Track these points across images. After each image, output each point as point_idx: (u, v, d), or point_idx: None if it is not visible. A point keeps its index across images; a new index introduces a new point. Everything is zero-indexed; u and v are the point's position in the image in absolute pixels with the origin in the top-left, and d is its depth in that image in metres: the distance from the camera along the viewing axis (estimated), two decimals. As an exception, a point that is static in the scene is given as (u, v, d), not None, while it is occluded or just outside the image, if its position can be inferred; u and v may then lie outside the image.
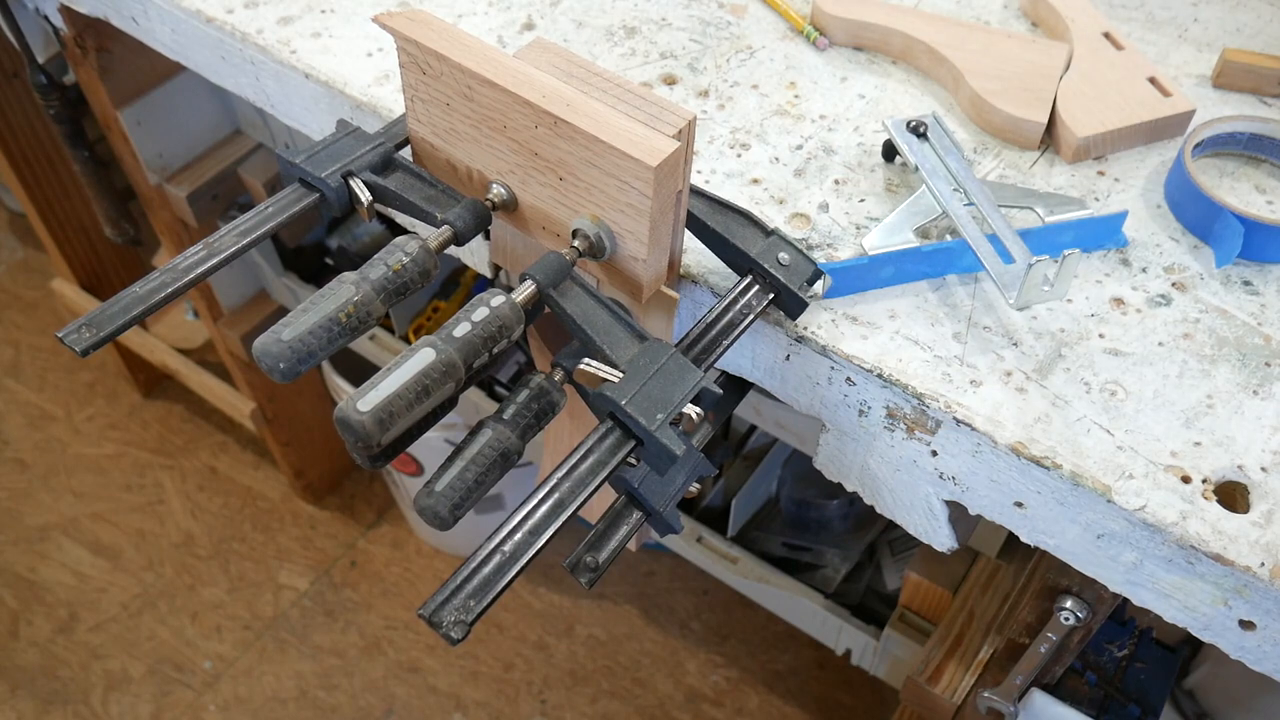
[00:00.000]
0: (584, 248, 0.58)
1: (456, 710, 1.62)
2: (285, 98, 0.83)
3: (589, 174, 0.55)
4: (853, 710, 1.62)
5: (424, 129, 0.62)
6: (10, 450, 1.88)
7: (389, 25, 0.58)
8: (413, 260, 0.55)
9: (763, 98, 0.78)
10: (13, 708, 1.60)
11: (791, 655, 1.67)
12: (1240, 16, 0.84)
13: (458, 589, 0.46)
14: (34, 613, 1.70)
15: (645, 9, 0.84)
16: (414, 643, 1.68)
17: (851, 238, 0.69)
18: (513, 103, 0.55)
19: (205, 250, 0.59)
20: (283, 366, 0.50)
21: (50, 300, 2.01)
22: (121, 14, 0.89)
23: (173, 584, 1.74)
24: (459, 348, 0.51)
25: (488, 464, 0.52)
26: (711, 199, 0.63)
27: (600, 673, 1.66)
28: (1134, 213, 0.70)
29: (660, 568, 1.76)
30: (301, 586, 1.74)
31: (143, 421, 1.93)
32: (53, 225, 1.54)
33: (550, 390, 0.55)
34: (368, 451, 0.50)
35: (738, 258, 0.62)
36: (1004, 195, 0.68)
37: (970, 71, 0.76)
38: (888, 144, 0.73)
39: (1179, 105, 0.74)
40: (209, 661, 1.66)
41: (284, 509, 1.83)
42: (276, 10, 0.83)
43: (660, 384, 0.52)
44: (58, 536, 1.78)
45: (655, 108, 0.55)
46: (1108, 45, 0.78)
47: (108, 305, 0.55)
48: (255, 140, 1.27)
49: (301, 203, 0.62)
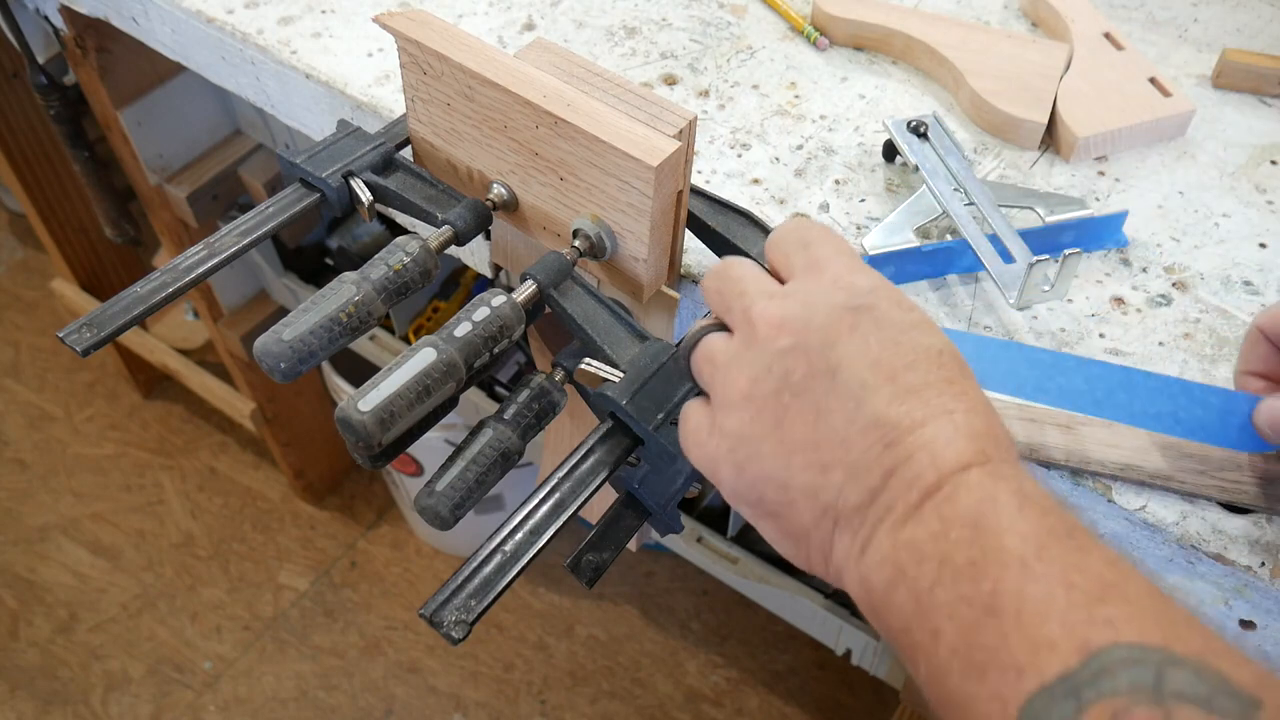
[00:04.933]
0: (585, 248, 0.58)
1: (456, 710, 1.62)
2: (285, 98, 0.83)
3: (590, 174, 0.55)
4: (853, 710, 1.62)
5: (424, 129, 0.62)
6: (10, 450, 1.88)
7: (389, 25, 0.58)
8: (413, 260, 0.55)
9: (763, 98, 0.78)
10: (13, 708, 1.60)
11: (791, 655, 1.67)
12: (1240, 16, 0.84)
13: (458, 589, 0.46)
14: (34, 613, 1.70)
15: (645, 9, 0.84)
16: (414, 643, 1.68)
17: (852, 238, 0.69)
18: (513, 103, 0.55)
19: (205, 250, 0.59)
20: (283, 366, 0.50)
21: (50, 300, 2.00)
22: (121, 14, 0.89)
23: (173, 584, 1.74)
24: (460, 347, 0.51)
25: (488, 464, 0.52)
26: (712, 199, 0.63)
27: (600, 673, 1.66)
28: (1134, 213, 0.70)
29: (660, 568, 1.76)
30: (301, 587, 1.74)
31: (143, 422, 1.93)
32: (53, 225, 1.54)
33: (551, 390, 0.55)
34: (368, 451, 0.50)
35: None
36: (1004, 195, 0.68)
37: (970, 71, 0.76)
38: (888, 144, 0.73)
39: (1179, 105, 0.74)
40: (209, 662, 1.66)
41: (284, 509, 1.83)
42: (277, 10, 0.83)
43: (661, 384, 0.52)
44: (58, 537, 1.78)
45: (656, 108, 0.55)
46: (1108, 45, 0.78)
47: (108, 305, 0.55)
48: (255, 140, 1.27)
49: (302, 203, 0.62)
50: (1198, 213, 0.71)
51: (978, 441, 0.39)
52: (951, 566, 0.36)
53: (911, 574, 0.37)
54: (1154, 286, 0.67)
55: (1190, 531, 0.55)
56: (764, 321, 0.43)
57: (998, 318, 0.65)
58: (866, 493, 0.39)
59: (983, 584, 0.35)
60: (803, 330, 0.42)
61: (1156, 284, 0.67)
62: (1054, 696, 0.32)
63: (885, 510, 0.39)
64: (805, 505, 0.41)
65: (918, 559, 0.37)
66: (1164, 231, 0.70)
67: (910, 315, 0.42)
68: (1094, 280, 0.67)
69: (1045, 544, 0.35)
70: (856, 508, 0.39)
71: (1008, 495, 0.37)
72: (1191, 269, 0.67)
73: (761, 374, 0.42)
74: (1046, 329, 0.64)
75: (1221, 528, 0.56)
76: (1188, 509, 0.56)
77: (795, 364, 0.41)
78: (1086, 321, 0.65)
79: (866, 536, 0.39)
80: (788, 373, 0.41)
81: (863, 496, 0.39)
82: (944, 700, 0.36)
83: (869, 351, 0.41)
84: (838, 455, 0.40)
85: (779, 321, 0.42)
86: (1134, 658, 0.32)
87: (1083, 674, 0.32)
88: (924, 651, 0.36)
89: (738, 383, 0.43)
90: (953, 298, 0.66)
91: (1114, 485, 0.57)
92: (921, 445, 0.39)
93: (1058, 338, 0.64)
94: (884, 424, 0.40)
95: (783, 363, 0.42)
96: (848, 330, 0.41)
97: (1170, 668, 0.31)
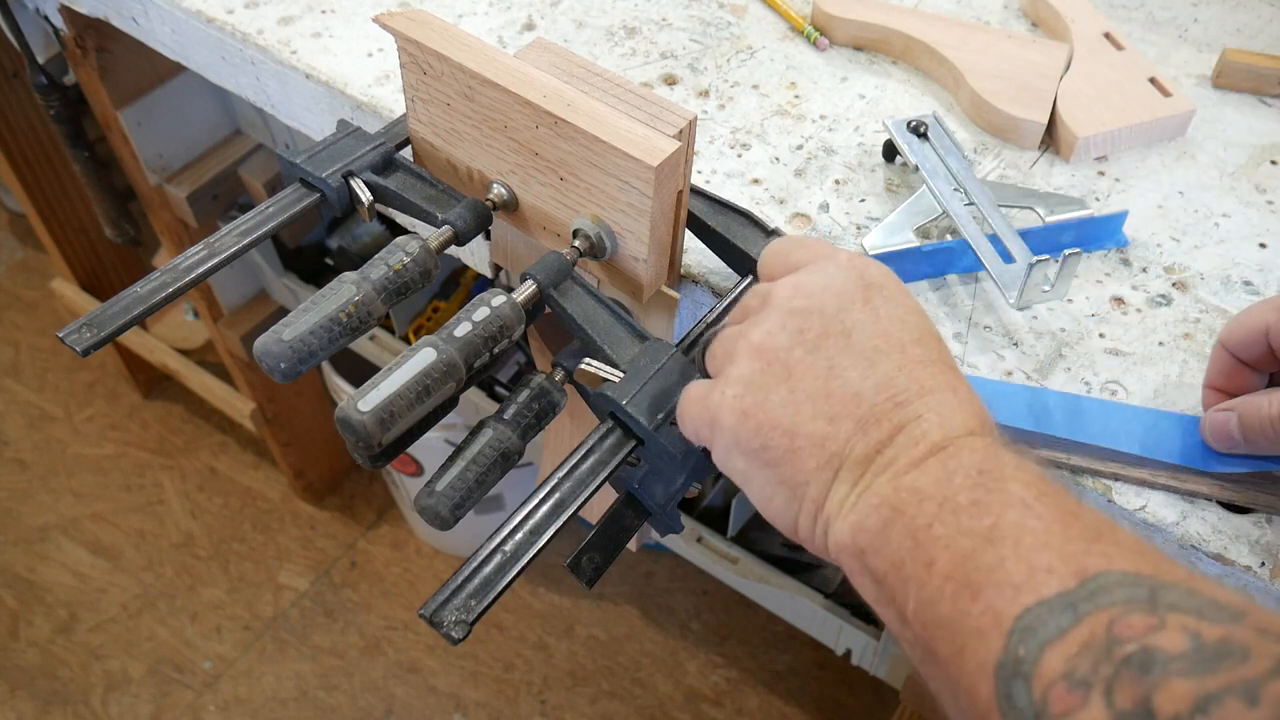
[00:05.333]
0: (584, 248, 0.58)
1: (456, 710, 1.62)
2: (285, 98, 0.83)
3: (589, 174, 0.55)
4: (853, 710, 1.62)
5: (424, 129, 0.62)
6: (10, 450, 1.88)
7: (389, 25, 0.58)
8: (413, 260, 0.55)
9: (763, 98, 0.78)
10: (13, 708, 1.60)
11: (791, 655, 1.67)
12: (1240, 16, 0.84)
13: (458, 589, 0.46)
14: (34, 613, 1.70)
15: (645, 9, 0.84)
16: (414, 643, 1.68)
17: (852, 238, 0.69)
18: (513, 103, 0.55)
19: (206, 250, 0.59)
20: (283, 366, 0.50)
21: (50, 300, 2.00)
22: (121, 14, 0.89)
23: (173, 584, 1.74)
24: (460, 347, 0.51)
25: (488, 464, 0.52)
26: (712, 199, 0.63)
27: (600, 673, 1.66)
28: (1134, 213, 0.70)
29: (660, 568, 1.75)
30: (301, 587, 1.74)
31: (143, 422, 1.93)
32: (53, 225, 1.54)
33: (551, 390, 0.55)
34: (368, 451, 0.50)
35: (738, 258, 0.62)
36: (1004, 195, 0.68)
37: (970, 71, 0.76)
38: (888, 144, 0.73)
39: (1179, 105, 0.74)
40: (209, 662, 1.66)
41: (284, 509, 1.83)
42: (277, 10, 0.83)
43: (661, 384, 0.52)
44: (58, 537, 1.78)
45: (656, 108, 0.55)
46: (1108, 45, 0.78)
47: (108, 305, 0.55)
48: (255, 140, 1.27)
49: (302, 203, 0.62)
50: (1198, 213, 0.71)
51: (979, 415, 0.42)
52: (953, 505, 0.38)
53: (910, 513, 0.39)
54: (1154, 286, 0.67)
55: (1190, 531, 0.55)
56: (781, 286, 0.46)
57: (998, 318, 0.65)
58: (874, 445, 0.41)
59: (984, 519, 0.37)
60: (820, 294, 0.44)
61: (1156, 284, 0.67)
62: (1051, 609, 0.33)
63: (889, 462, 0.41)
64: (810, 453, 0.42)
65: (919, 499, 0.39)
66: (1164, 231, 0.70)
67: (913, 301, 0.46)
68: (1094, 280, 0.67)
69: (1044, 491, 0.37)
70: (861, 458, 0.41)
71: (1008, 455, 0.39)
72: (1191, 269, 0.67)
73: (776, 329, 0.44)
74: (1046, 329, 0.64)
75: (1221, 528, 0.56)
76: (1188, 509, 0.56)
77: (810, 323, 0.44)
78: (1086, 321, 0.65)
79: (867, 484, 0.41)
80: (802, 330, 0.44)
81: (869, 448, 0.41)
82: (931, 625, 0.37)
83: (879, 323, 0.44)
84: (849, 408, 0.42)
85: (796, 284, 0.45)
86: (1128, 580, 0.34)
87: (1080, 592, 0.34)
88: (915, 583, 0.38)
89: (751, 337, 0.45)
90: (953, 298, 0.66)
91: (1114, 485, 0.57)
92: (931, 408, 0.41)
93: (1058, 338, 0.64)
94: (895, 385, 0.42)
95: (797, 320, 0.44)
96: (861, 301, 0.44)
97: (1162, 589, 0.33)
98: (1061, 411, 0.58)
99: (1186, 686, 0.30)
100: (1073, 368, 0.62)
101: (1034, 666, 0.33)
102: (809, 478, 0.42)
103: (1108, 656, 0.31)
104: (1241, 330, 0.54)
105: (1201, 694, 0.29)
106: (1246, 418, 0.53)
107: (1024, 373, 0.62)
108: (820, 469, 0.42)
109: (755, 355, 0.44)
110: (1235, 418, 0.54)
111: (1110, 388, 0.61)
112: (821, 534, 0.43)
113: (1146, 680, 0.30)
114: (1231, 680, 0.29)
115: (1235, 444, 0.54)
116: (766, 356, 0.44)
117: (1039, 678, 0.32)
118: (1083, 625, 0.32)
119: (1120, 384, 0.61)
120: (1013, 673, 0.33)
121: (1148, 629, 0.32)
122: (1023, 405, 0.58)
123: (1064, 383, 0.62)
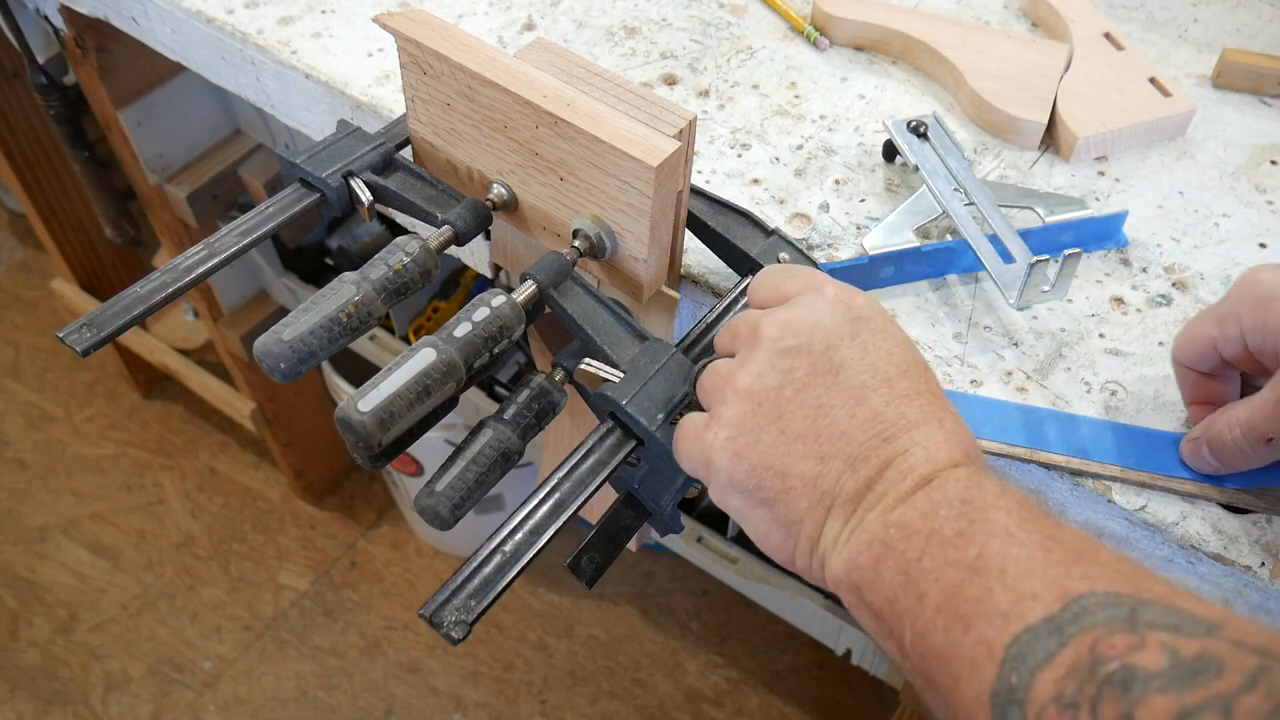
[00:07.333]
0: (584, 248, 0.58)
1: (456, 710, 1.62)
2: (285, 98, 0.83)
3: (589, 174, 0.55)
4: (853, 710, 1.62)
5: (424, 129, 0.62)
6: (10, 450, 1.88)
7: (389, 25, 0.58)
8: (413, 260, 0.55)
9: (763, 98, 0.78)
10: (13, 708, 1.60)
11: (791, 655, 1.67)
12: (1240, 16, 0.84)
13: (458, 589, 0.46)
14: (34, 613, 1.70)
15: (645, 9, 0.84)
16: (414, 643, 1.68)
17: (852, 238, 0.69)
18: (513, 103, 0.55)
19: (206, 250, 0.59)
20: (283, 367, 0.50)
21: (50, 300, 2.01)
22: (121, 14, 0.89)
23: (173, 584, 1.74)
24: (460, 348, 0.51)
25: (488, 464, 0.52)
26: (712, 199, 0.63)
27: (600, 673, 1.66)
28: (1134, 213, 0.70)
29: (660, 568, 1.76)
30: (301, 587, 1.74)
31: (143, 422, 1.93)
32: (53, 225, 1.54)
33: (551, 390, 0.55)
34: (368, 452, 0.50)
35: (738, 258, 0.62)
36: (1004, 195, 0.68)
37: (970, 71, 0.76)
38: (888, 144, 0.73)
39: (1179, 105, 0.74)
40: (209, 662, 1.66)
41: (284, 509, 1.83)
42: (277, 10, 0.83)
43: (661, 384, 0.52)
44: (58, 537, 1.78)
45: (656, 108, 0.55)
46: (1108, 45, 0.78)
47: (108, 305, 0.55)
48: (255, 140, 1.27)
49: (302, 203, 0.62)
50: (1198, 213, 0.71)
51: (964, 446, 0.43)
52: (939, 538, 0.39)
53: (900, 548, 0.40)
54: (1154, 286, 0.67)
55: (1190, 531, 0.55)
56: (770, 324, 0.46)
57: (998, 318, 0.65)
58: (863, 481, 0.42)
59: (969, 549, 0.38)
60: (808, 332, 0.45)
61: (1156, 284, 0.67)
62: (1038, 634, 0.35)
63: (878, 498, 0.42)
64: (802, 492, 0.43)
65: (906, 534, 0.40)
66: (1164, 231, 0.70)
67: (900, 332, 0.47)
68: (1094, 280, 0.67)
69: (1026, 518, 0.39)
70: (852, 495, 0.42)
71: (991, 484, 0.41)
72: (1191, 269, 0.67)
73: (765, 370, 0.45)
74: (1046, 329, 0.64)
75: (1221, 528, 0.56)
76: (1188, 509, 0.56)
77: (798, 362, 0.45)
78: (1086, 321, 0.65)
79: (858, 521, 0.42)
80: (791, 369, 0.45)
81: (859, 485, 0.42)
82: (928, 657, 0.38)
83: (867, 357, 0.45)
84: (838, 447, 0.43)
85: (785, 323, 0.46)
86: (1110, 601, 0.35)
87: (1064, 616, 0.35)
88: (909, 616, 0.39)
89: (741, 379, 0.46)
90: (953, 298, 0.66)
91: (1114, 485, 0.57)
92: (917, 443, 0.42)
93: (1058, 338, 0.64)
94: (882, 421, 0.43)
95: (786, 360, 0.45)
96: (850, 336, 0.45)
97: (1142, 607, 0.34)
98: (1057, 429, 0.58)
99: (1165, 703, 0.31)
100: (1073, 368, 0.62)
101: (1026, 692, 0.34)
102: (802, 516, 0.44)
103: (1092, 676, 0.33)
104: (1190, 349, 0.55)
105: (1179, 710, 0.31)
106: (1214, 445, 0.54)
107: (1024, 373, 0.62)
108: (813, 507, 0.43)
109: (746, 397, 0.45)
110: (1205, 446, 0.55)
111: (1110, 388, 0.61)
112: (819, 569, 0.44)
113: (1128, 698, 0.32)
114: (1208, 696, 0.31)
115: (1216, 468, 0.55)
116: (757, 398, 0.45)
117: (1032, 703, 0.34)
118: (1069, 648, 0.34)
119: (1120, 384, 0.61)
120: (1007, 700, 0.34)
121: (1128, 648, 0.33)
122: (1018, 423, 0.59)
123: (1064, 383, 0.62)
